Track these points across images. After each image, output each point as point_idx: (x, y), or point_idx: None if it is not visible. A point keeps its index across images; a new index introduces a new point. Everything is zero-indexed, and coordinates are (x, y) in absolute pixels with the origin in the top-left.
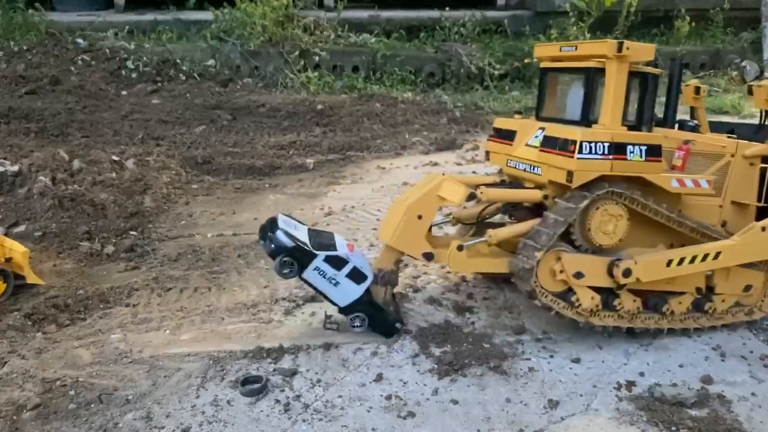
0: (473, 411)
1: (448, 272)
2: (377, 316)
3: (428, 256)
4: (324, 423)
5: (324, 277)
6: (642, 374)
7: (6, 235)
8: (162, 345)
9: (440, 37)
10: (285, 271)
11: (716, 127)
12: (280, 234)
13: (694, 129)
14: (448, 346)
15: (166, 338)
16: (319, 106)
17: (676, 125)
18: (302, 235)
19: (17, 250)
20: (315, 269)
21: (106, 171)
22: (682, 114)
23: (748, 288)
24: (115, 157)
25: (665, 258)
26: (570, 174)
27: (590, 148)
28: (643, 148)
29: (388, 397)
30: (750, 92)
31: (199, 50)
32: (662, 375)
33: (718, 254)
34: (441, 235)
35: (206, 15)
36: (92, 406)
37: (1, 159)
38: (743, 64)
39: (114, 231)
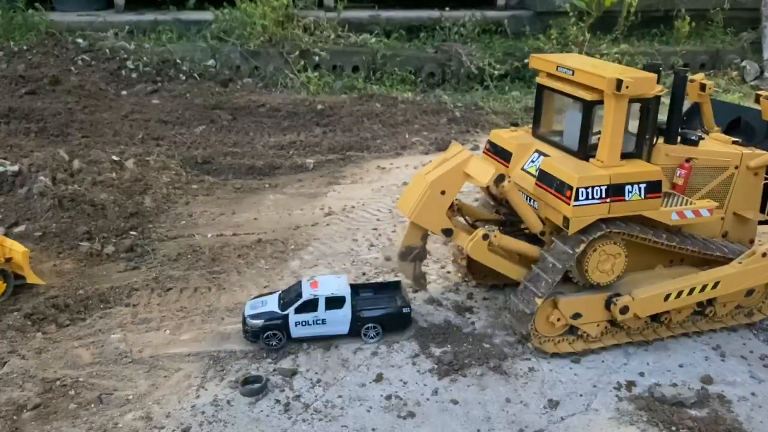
0: (473, 411)
1: (448, 272)
2: (384, 317)
3: (447, 233)
4: (324, 423)
5: (309, 324)
6: (642, 374)
7: (6, 235)
8: (162, 345)
9: (440, 37)
10: (274, 343)
11: (722, 112)
12: (248, 321)
13: (697, 142)
14: (448, 346)
15: (166, 338)
16: (319, 106)
17: (679, 138)
18: (272, 305)
19: (17, 250)
20: (296, 324)
21: (106, 171)
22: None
23: (750, 292)
24: (115, 157)
25: (663, 292)
26: (566, 220)
27: (587, 194)
28: (643, 186)
29: (388, 397)
30: (757, 101)
31: (199, 50)
32: (662, 375)
33: (717, 284)
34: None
35: (206, 15)
36: (92, 406)
37: (1, 159)
38: (743, 64)
39: (114, 231)
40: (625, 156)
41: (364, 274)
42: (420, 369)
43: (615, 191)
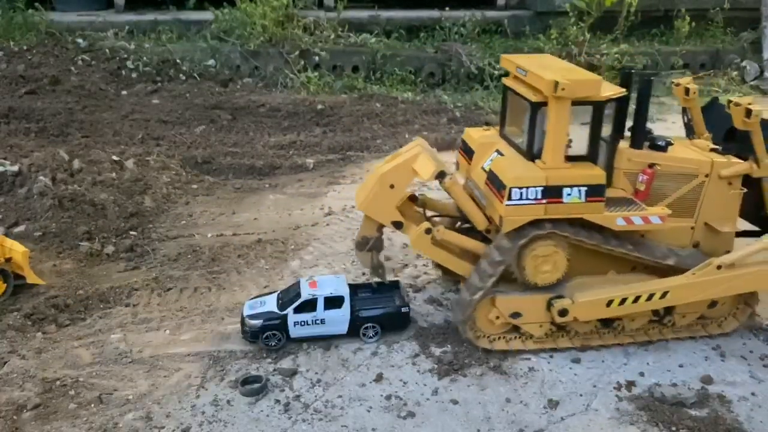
0: (473, 411)
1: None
2: (382, 317)
3: (397, 225)
4: (324, 423)
5: (308, 324)
6: (642, 374)
7: (6, 235)
8: (162, 345)
9: (440, 37)
10: (273, 344)
11: (723, 119)
12: (247, 321)
13: (665, 147)
14: (448, 346)
15: (166, 338)
16: (319, 106)
17: (646, 144)
18: (270, 305)
19: (17, 250)
20: (295, 324)
21: (106, 171)
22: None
23: (713, 304)
24: (115, 157)
25: (605, 298)
26: (501, 220)
27: (521, 194)
28: (584, 189)
29: (388, 397)
30: (727, 107)
31: (199, 50)
32: (662, 375)
33: (665, 293)
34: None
35: (206, 15)
36: (92, 406)
37: (1, 159)
38: (743, 64)
39: (114, 231)
40: (576, 159)
41: (363, 274)
42: (420, 369)
43: (552, 193)
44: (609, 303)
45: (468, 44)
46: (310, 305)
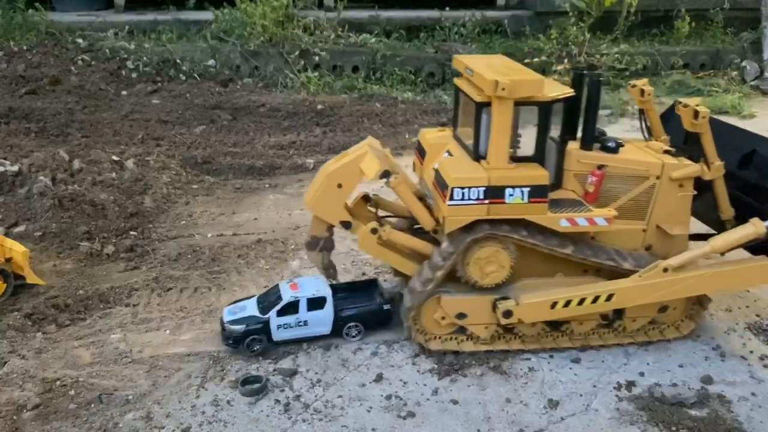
0: (473, 411)
1: None
2: (365, 315)
3: (346, 225)
4: (324, 423)
5: (291, 326)
6: (642, 374)
7: (6, 235)
8: (162, 345)
9: (440, 37)
10: (256, 348)
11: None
12: (227, 327)
13: (616, 149)
14: None
15: (166, 338)
16: (319, 106)
17: (597, 145)
18: (251, 310)
19: (17, 250)
20: (278, 327)
21: (106, 171)
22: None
23: (664, 309)
24: (115, 157)
25: (549, 300)
26: (443, 220)
27: (462, 194)
28: (526, 189)
29: (388, 397)
30: (673, 107)
31: (199, 50)
32: (662, 375)
33: (610, 296)
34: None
35: (206, 15)
36: (92, 406)
37: (1, 159)
38: (743, 64)
39: (114, 231)
40: (523, 160)
41: (364, 273)
42: (420, 369)
43: (494, 193)
44: (553, 305)
45: (468, 44)
46: (292, 307)
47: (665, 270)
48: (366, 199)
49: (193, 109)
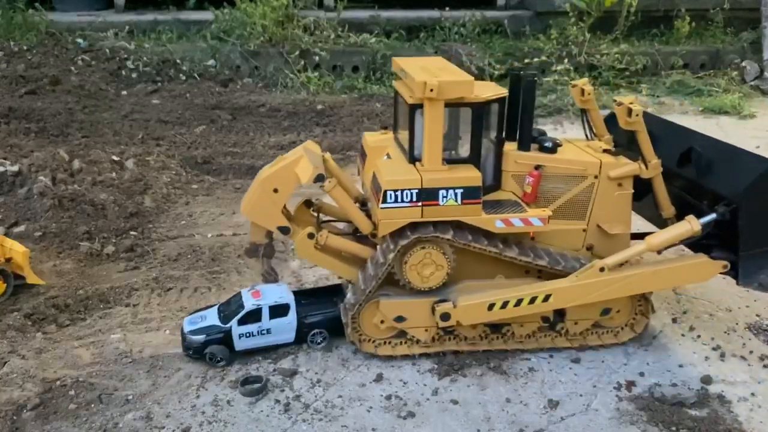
0: (473, 411)
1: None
2: (330, 321)
3: (284, 230)
4: (324, 423)
5: (254, 335)
6: (642, 374)
7: (6, 235)
8: (162, 345)
9: (440, 37)
10: (219, 359)
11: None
12: (188, 337)
13: (554, 149)
14: None
15: (166, 338)
16: (319, 106)
17: (534, 145)
18: (212, 319)
19: (17, 250)
20: (240, 336)
21: (106, 171)
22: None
23: (606, 311)
24: (115, 157)
25: (486, 301)
26: (377, 222)
27: (396, 196)
28: (459, 191)
29: (388, 397)
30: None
31: (199, 50)
32: (662, 375)
33: (547, 296)
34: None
35: (206, 15)
36: (92, 406)
37: (1, 159)
38: (743, 64)
39: (114, 231)
40: (458, 161)
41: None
42: (420, 369)
43: (427, 195)
44: (491, 306)
45: (468, 44)
46: (254, 316)
47: (601, 269)
48: (308, 204)
49: (193, 109)
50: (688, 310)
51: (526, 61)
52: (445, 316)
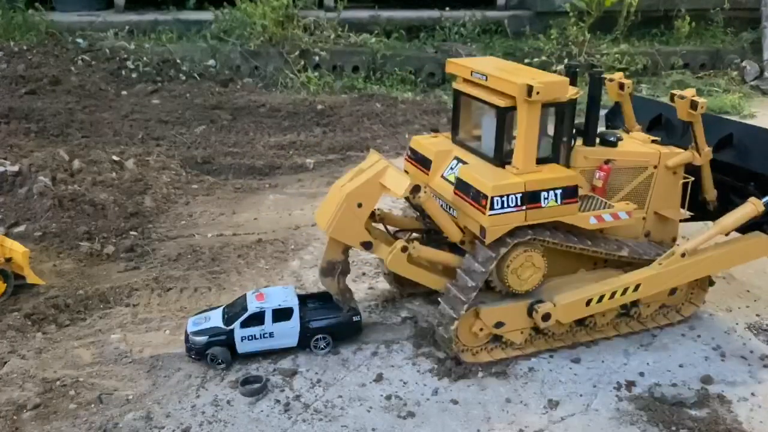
0: (473, 411)
1: None
2: (334, 327)
3: (367, 246)
4: (324, 423)
5: (256, 338)
6: (642, 374)
7: (6, 235)
8: (162, 345)
9: (440, 37)
10: (220, 361)
11: (644, 109)
12: (191, 338)
13: (616, 143)
14: None
15: (166, 338)
16: (319, 106)
17: (598, 139)
18: (215, 320)
19: (17, 250)
20: (242, 339)
21: (106, 171)
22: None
23: (673, 291)
24: (115, 157)
25: (585, 298)
26: (483, 230)
27: (502, 202)
28: (558, 191)
29: (388, 397)
30: (672, 100)
31: (199, 50)
32: (662, 375)
33: (638, 286)
34: (379, 226)
35: (206, 15)
36: (92, 406)
37: (1, 159)
38: (743, 64)
39: (114, 231)
40: (542, 161)
41: (364, 273)
42: (420, 369)
43: (531, 198)
44: (588, 302)
45: (468, 44)
46: (257, 319)
47: (683, 255)
48: (371, 215)
49: (193, 109)
50: None
51: (526, 61)
52: (546, 317)
